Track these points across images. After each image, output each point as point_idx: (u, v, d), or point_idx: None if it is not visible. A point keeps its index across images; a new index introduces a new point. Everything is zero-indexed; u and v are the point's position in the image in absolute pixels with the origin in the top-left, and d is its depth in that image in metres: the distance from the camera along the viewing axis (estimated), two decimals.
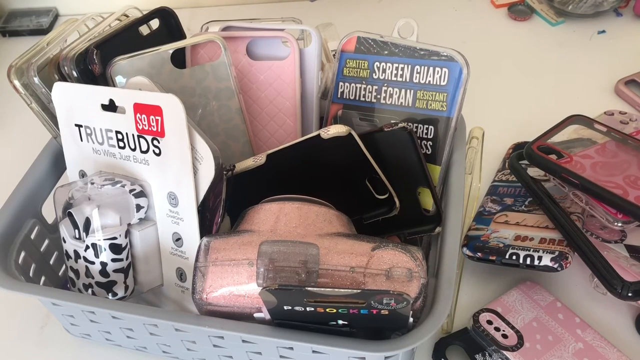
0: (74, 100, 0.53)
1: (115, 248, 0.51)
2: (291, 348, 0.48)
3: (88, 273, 0.52)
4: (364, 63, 0.58)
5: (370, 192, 0.54)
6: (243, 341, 0.49)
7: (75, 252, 0.52)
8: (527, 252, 0.54)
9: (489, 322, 0.55)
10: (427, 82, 0.56)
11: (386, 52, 0.57)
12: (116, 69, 0.55)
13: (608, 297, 0.57)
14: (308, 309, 0.42)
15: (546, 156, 0.57)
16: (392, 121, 0.56)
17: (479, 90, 0.74)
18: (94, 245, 0.50)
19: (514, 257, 0.55)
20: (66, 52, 0.55)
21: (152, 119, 0.49)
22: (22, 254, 0.54)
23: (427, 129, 0.56)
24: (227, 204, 0.51)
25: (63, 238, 0.53)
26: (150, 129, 0.50)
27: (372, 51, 0.57)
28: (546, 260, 0.53)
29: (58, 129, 0.55)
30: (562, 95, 0.81)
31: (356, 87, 0.58)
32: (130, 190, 0.51)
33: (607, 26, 0.91)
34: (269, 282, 0.44)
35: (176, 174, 0.50)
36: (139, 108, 0.50)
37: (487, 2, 0.98)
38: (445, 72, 0.55)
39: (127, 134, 0.51)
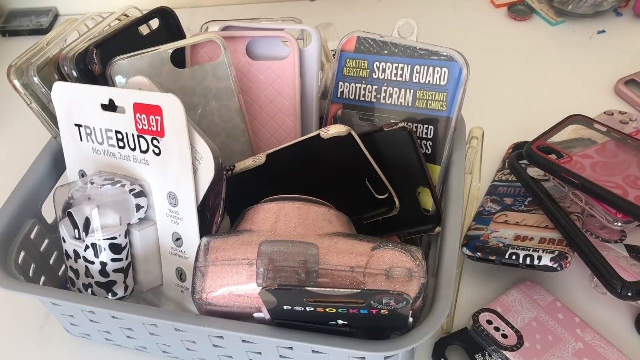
0: (74, 100, 0.53)
1: (115, 248, 0.51)
2: (291, 348, 0.48)
3: (88, 273, 0.52)
4: (364, 63, 0.58)
5: (370, 192, 0.54)
6: (243, 341, 0.49)
7: (75, 252, 0.52)
8: (527, 252, 0.54)
9: (489, 322, 0.55)
10: (427, 82, 0.56)
11: (386, 52, 0.57)
12: (116, 69, 0.55)
13: (608, 297, 0.57)
14: (308, 309, 0.42)
15: (546, 156, 0.57)
16: (392, 121, 0.56)
17: (479, 90, 0.74)
18: (94, 245, 0.50)
19: (514, 257, 0.55)
20: (66, 52, 0.55)
21: (152, 119, 0.49)
22: (22, 254, 0.54)
23: (427, 129, 0.56)
24: (227, 204, 0.51)
25: (63, 238, 0.53)
26: (150, 129, 0.50)
27: (372, 51, 0.57)
28: (546, 260, 0.53)
29: (58, 129, 0.55)
30: (562, 95, 0.81)
31: (356, 87, 0.59)
32: (130, 190, 0.51)
33: (607, 26, 0.91)
34: (269, 282, 0.44)
35: (176, 174, 0.50)
36: (139, 108, 0.50)
37: (487, 2, 0.98)
38: (445, 72, 0.55)
39: (127, 134, 0.51)
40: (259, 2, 1.02)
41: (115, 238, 0.51)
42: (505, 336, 0.54)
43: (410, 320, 0.43)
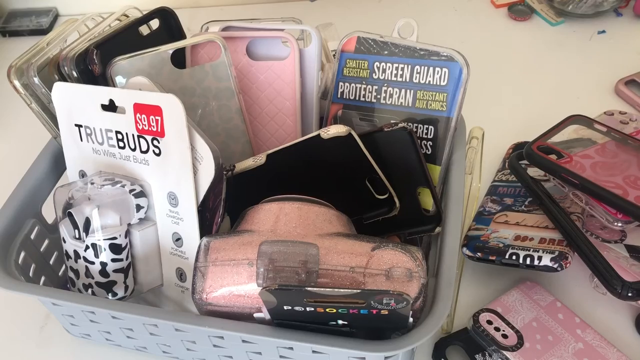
0: (74, 100, 0.53)
1: (115, 248, 0.51)
2: (291, 348, 0.48)
3: (88, 273, 0.52)
4: (364, 63, 0.58)
5: (370, 192, 0.54)
6: (243, 341, 0.49)
7: (75, 252, 0.52)
8: (527, 252, 0.54)
9: (489, 322, 0.55)
10: (427, 82, 0.56)
11: (386, 52, 0.57)
12: (116, 69, 0.55)
13: (608, 297, 0.57)
14: (308, 309, 0.42)
15: (546, 156, 0.57)
16: (392, 121, 0.56)
17: (479, 90, 0.74)
18: (93, 245, 0.50)
19: (514, 257, 0.55)
20: (66, 52, 0.55)
21: (152, 119, 0.49)
22: (22, 254, 0.54)
23: (427, 129, 0.56)
24: (227, 204, 0.51)
25: (63, 238, 0.53)
26: (150, 129, 0.50)
27: (372, 51, 0.57)
28: (546, 260, 0.53)
29: (58, 129, 0.55)
30: (562, 95, 0.81)
31: (356, 87, 0.59)
32: (130, 190, 0.51)
33: (607, 26, 0.91)
34: (269, 282, 0.44)
35: (176, 174, 0.50)
36: (139, 108, 0.50)
37: (487, 2, 0.98)
38: (445, 72, 0.55)
39: (127, 134, 0.51)
40: (259, 2, 1.02)
41: (115, 238, 0.51)
42: (505, 336, 0.54)
43: (410, 320, 0.43)
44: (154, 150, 0.51)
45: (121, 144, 0.52)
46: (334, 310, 0.41)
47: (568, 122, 0.61)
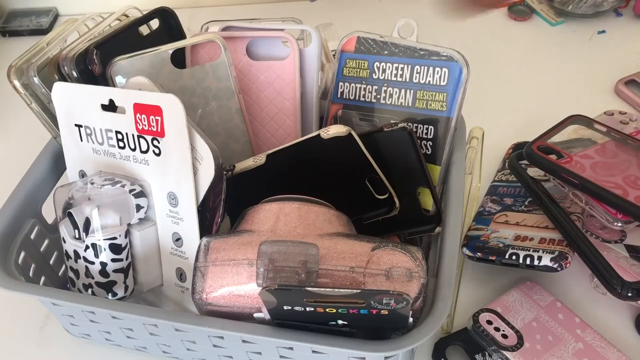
0: (74, 100, 0.53)
1: (115, 248, 0.51)
2: (291, 348, 0.48)
3: (88, 273, 0.52)
4: (364, 63, 0.58)
5: (370, 192, 0.54)
6: (243, 341, 0.49)
7: (75, 252, 0.52)
8: (527, 252, 0.54)
9: (489, 322, 0.55)
10: (427, 82, 0.56)
11: (386, 52, 0.57)
12: (116, 69, 0.55)
13: (608, 297, 0.57)
14: (308, 309, 0.42)
15: (546, 156, 0.57)
16: (392, 121, 0.56)
17: (479, 90, 0.74)
18: (93, 245, 0.50)
19: (514, 257, 0.55)
20: (66, 52, 0.55)
21: (152, 119, 0.49)
22: (22, 254, 0.54)
23: (427, 129, 0.56)
24: (227, 204, 0.51)
25: (63, 238, 0.53)
26: (150, 129, 0.50)
27: (372, 51, 0.57)
28: (546, 260, 0.53)
29: (58, 129, 0.55)
30: (562, 95, 0.81)
31: (356, 87, 0.59)
32: (130, 190, 0.51)
33: (607, 26, 0.91)
34: (269, 282, 0.44)
35: (176, 174, 0.50)
36: (139, 108, 0.50)
37: None
38: (445, 72, 0.55)
39: (127, 134, 0.51)
40: (259, 2, 1.02)
41: (115, 238, 0.51)
42: (505, 336, 0.54)
43: (410, 320, 0.43)
44: (154, 150, 0.51)
45: (121, 144, 0.52)
46: (334, 310, 0.41)
47: (568, 122, 0.61)
